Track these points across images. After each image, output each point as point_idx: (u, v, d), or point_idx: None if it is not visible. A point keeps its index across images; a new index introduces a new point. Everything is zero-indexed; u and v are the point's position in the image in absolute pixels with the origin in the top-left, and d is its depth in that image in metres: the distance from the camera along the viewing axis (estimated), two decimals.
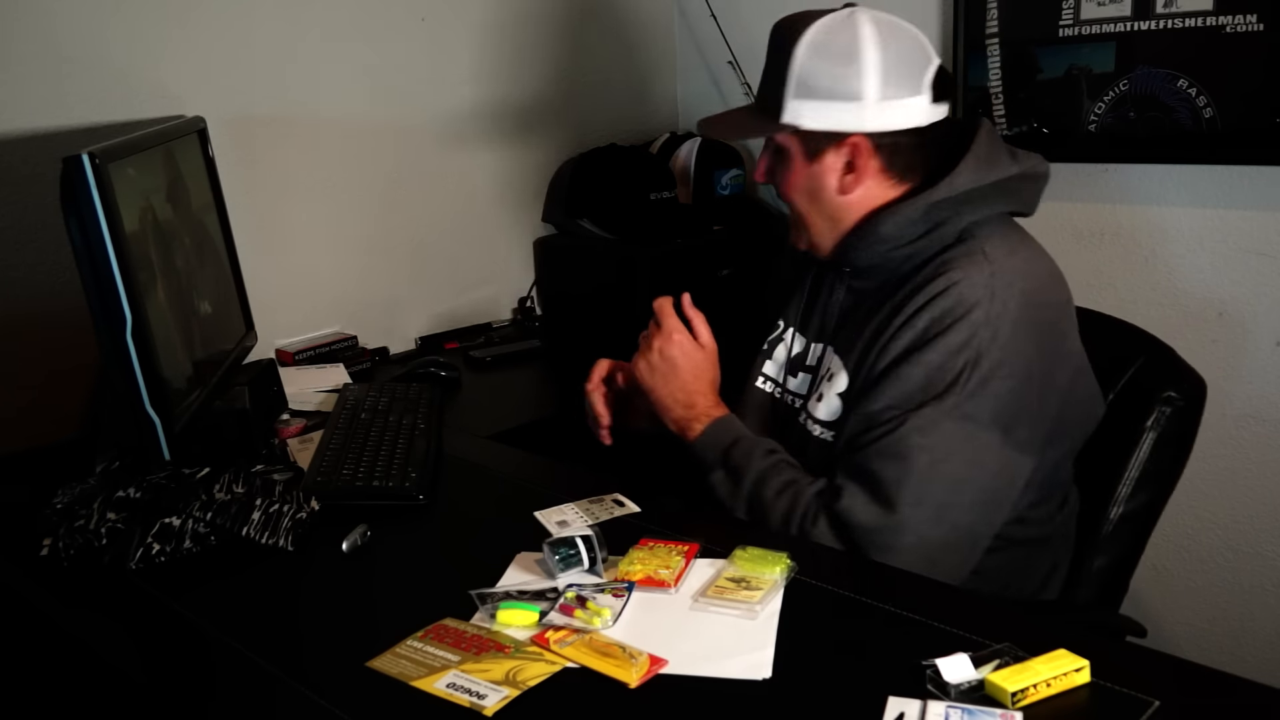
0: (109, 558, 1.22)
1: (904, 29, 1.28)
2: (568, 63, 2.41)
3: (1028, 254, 1.28)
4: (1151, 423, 1.40)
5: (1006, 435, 1.21)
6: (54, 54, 1.69)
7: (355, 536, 1.24)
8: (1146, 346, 1.48)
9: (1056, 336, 1.27)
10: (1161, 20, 1.84)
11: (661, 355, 1.41)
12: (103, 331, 1.24)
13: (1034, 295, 1.24)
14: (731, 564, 1.13)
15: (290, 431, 1.65)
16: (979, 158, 1.27)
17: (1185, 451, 1.44)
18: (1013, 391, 1.21)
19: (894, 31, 1.27)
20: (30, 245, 1.68)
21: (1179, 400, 1.41)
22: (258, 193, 1.95)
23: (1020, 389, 1.21)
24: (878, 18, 1.27)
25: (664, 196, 2.28)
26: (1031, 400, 1.23)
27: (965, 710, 0.88)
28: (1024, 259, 1.27)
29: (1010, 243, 1.27)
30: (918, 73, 1.26)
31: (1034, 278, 1.26)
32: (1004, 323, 1.20)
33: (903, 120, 1.27)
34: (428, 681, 0.95)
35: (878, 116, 1.26)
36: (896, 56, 1.25)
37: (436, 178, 2.22)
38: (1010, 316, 1.20)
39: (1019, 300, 1.22)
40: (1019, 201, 1.30)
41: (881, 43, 1.24)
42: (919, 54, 1.27)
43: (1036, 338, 1.23)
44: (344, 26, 2.04)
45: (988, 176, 1.27)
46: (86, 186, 1.20)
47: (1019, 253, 1.27)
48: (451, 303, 2.30)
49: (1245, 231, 1.88)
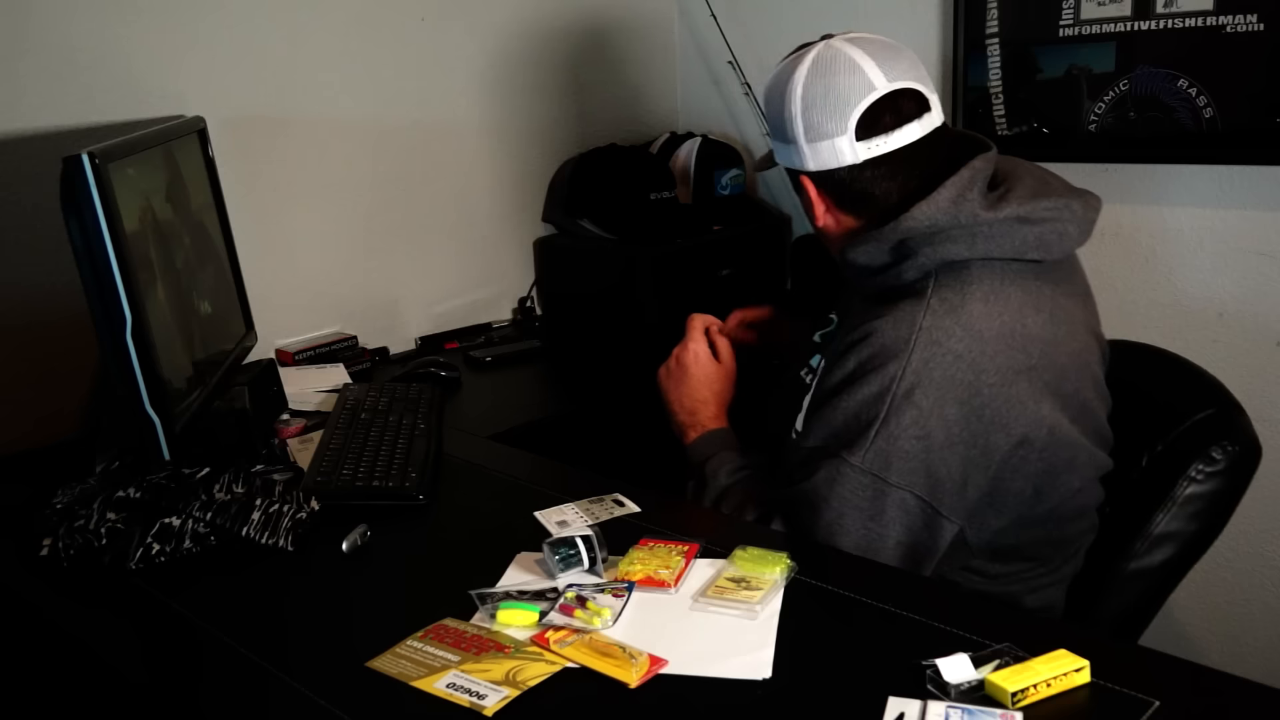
0: (109, 558, 1.22)
1: (841, 64, 1.25)
2: (568, 62, 2.41)
3: (983, 311, 1.19)
4: (1185, 483, 1.30)
5: (915, 495, 1.18)
6: (54, 54, 1.69)
7: (355, 536, 1.24)
8: (1217, 399, 1.38)
9: (999, 403, 1.17)
10: (1161, 20, 1.84)
11: (678, 362, 1.52)
12: (103, 331, 1.24)
13: (968, 357, 1.17)
14: (731, 564, 1.13)
15: (290, 431, 1.65)
16: (945, 197, 1.22)
17: (1219, 519, 1.33)
18: (925, 452, 1.17)
19: (825, 69, 1.25)
20: (30, 245, 1.68)
21: (1221, 464, 1.29)
22: (258, 193, 1.95)
23: (933, 452, 1.17)
24: (823, 57, 1.26)
25: (664, 196, 2.28)
26: (949, 465, 1.18)
27: (965, 710, 0.88)
28: (972, 316, 1.18)
29: (966, 295, 1.20)
30: (842, 110, 1.24)
31: (974, 339, 1.17)
32: (921, 380, 1.17)
33: (830, 159, 1.27)
34: (428, 681, 0.95)
35: (811, 157, 1.28)
36: (818, 97, 1.25)
37: (436, 177, 2.22)
38: (933, 376, 1.17)
39: (946, 360, 1.17)
40: (1008, 247, 1.21)
41: (806, 83, 1.26)
42: (847, 90, 1.24)
43: (962, 402, 1.17)
44: (344, 27, 2.04)
45: (955, 215, 1.21)
46: (86, 186, 1.20)
47: (969, 309, 1.19)
48: (451, 303, 2.30)
49: (1245, 231, 1.88)
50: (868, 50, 1.25)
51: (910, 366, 1.17)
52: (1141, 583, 1.31)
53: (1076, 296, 1.31)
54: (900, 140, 1.25)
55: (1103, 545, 1.35)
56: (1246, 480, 1.33)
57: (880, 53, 1.25)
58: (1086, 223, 1.26)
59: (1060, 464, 1.23)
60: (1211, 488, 1.29)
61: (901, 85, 1.25)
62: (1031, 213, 1.21)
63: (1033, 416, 1.19)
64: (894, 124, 1.25)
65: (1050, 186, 1.27)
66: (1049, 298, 1.24)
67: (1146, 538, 1.29)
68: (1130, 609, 1.32)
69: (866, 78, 1.24)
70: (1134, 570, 1.30)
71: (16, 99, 1.66)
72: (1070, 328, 1.25)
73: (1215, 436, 1.31)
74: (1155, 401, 1.39)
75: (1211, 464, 1.29)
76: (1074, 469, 1.25)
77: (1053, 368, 1.21)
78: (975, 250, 1.21)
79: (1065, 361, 1.23)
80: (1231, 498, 1.32)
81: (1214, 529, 1.32)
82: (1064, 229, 1.23)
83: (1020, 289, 1.21)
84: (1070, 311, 1.27)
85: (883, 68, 1.24)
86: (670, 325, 1.59)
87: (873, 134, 1.24)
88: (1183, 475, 1.29)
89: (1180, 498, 1.28)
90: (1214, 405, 1.36)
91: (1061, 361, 1.22)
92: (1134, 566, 1.30)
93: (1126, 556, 1.30)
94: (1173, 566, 1.31)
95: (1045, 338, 1.21)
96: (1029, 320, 1.20)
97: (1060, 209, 1.23)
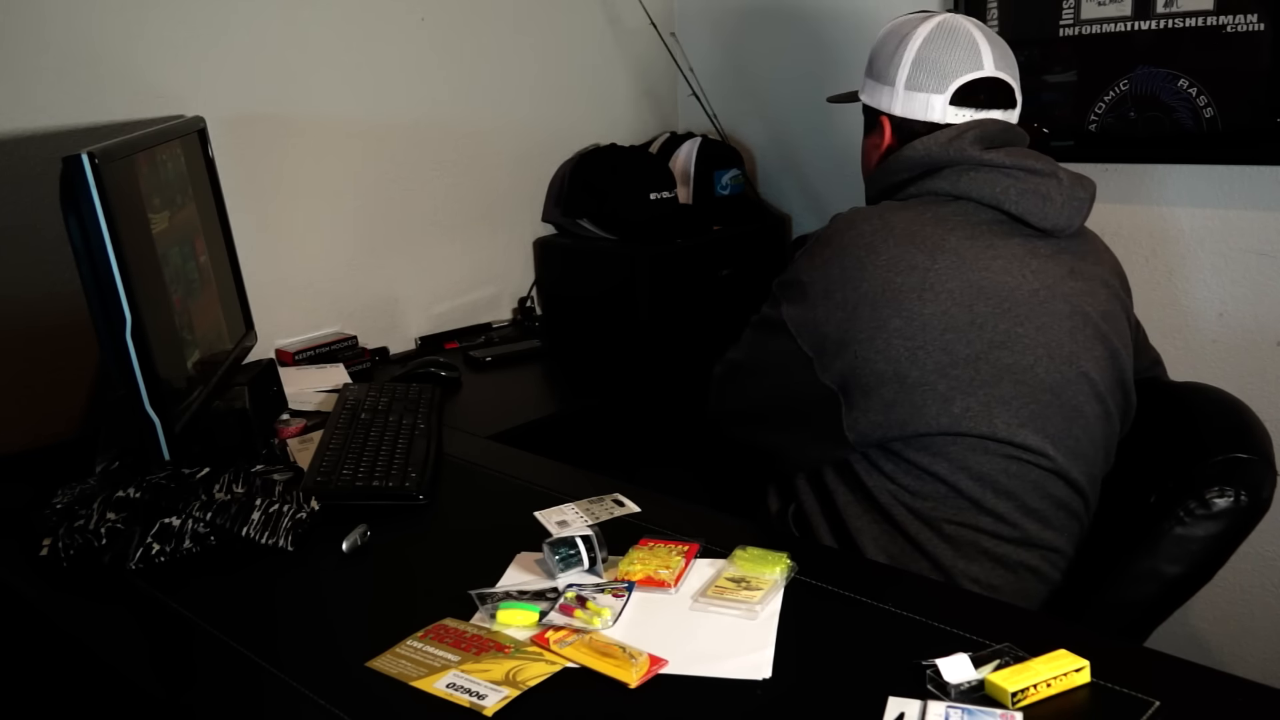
0: (109, 558, 1.22)
1: (963, 36, 1.39)
2: (568, 62, 2.41)
3: (910, 216, 1.31)
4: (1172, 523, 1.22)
5: (789, 329, 1.33)
6: (54, 54, 1.69)
7: (355, 536, 1.24)
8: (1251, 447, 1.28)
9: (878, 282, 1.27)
10: (1161, 20, 1.84)
11: None
12: (103, 331, 1.24)
13: (869, 237, 1.30)
14: (731, 564, 1.13)
15: (290, 431, 1.65)
16: (944, 136, 1.35)
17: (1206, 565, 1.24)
18: (803, 296, 1.33)
19: (948, 36, 1.39)
20: (30, 245, 1.68)
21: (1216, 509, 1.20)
22: (258, 193, 1.95)
23: (810, 298, 1.32)
24: (949, 24, 1.40)
25: (664, 196, 2.28)
26: (817, 313, 1.31)
27: (965, 710, 0.88)
28: (896, 216, 1.32)
29: (909, 206, 1.34)
30: (949, 75, 1.38)
31: (883, 226, 1.31)
32: (824, 239, 1.34)
33: (918, 110, 1.40)
34: (428, 681, 0.95)
35: (902, 101, 1.41)
36: (933, 55, 1.38)
37: (436, 178, 2.22)
38: (833, 239, 1.33)
39: (850, 234, 1.32)
40: (988, 194, 1.31)
41: (927, 41, 1.39)
42: (960, 59, 1.38)
43: (845, 268, 1.30)
44: (344, 26, 2.03)
45: (947, 151, 1.33)
46: (86, 186, 1.20)
47: (900, 212, 1.33)
48: (451, 303, 2.30)
49: (1245, 231, 1.88)
50: (987, 36, 1.40)
51: (828, 230, 1.36)
52: (1119, 617, 1.26)
53: (1068, 266, 1.34)
54: (983, 118, 1.38)
55: (1089, 572, 1.32)
56: (1244, 532, 1.23)
57: (995, 41, 1.41)
58: (1075, 198, 1.34)
59: (930, 369, 1.26)
60: (1202, 532, 1.21)
61: (1003, 76, 1.40)
62: (1014, 166, 1.32)
63: (911, 309, 1.26)
64: (986, 103, 1.39)
65: (1043, 158, 1.36)
66: (1007, 242, 1.31)
67: (1125, 572, 1.24)
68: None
69: (979, 56, 1.38)
70: (1112, 603, 1.25)
71: (17, 99, 1.66)
72: (1030, 276, 1.30)
73: (1220, 480, 1.22)
74: (1188, 439, 1.33)
75: (1204, 507, 1.20)
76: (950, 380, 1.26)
77: (962, 280, 1.27)
78: (958, 188, 1.32)
79: (989, 288, 1.28)
80: (1222, 545, 1.23)
81: (1199, 575, 1.24)
82: (1046, 192, 1.31)
83: (968, 220, 1.32)
84: (1039, 269, 1.31)
85: (994, 54, 1.39)
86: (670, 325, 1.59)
87: (966, 104, 1.38)
88: (1172, 515, 1.22)
89: (1165, 537, 1.22)
90: (1240, 450, 1.27)
91: (984, 285, 1.27)
92: (1109, 600, 1.25)
93: (1103, 588, 1.26)
94: (1153, 605, 1.24)
95: (965, 256, 1.28)
96: (954, 237, 1.30)
97: (1045, 174, 1.33)
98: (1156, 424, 1.41)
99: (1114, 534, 1.32)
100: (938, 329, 1.26)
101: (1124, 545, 1.27)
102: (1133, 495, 1.34)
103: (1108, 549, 1.31)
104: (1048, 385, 1.29)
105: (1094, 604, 1.27)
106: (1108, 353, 1.35)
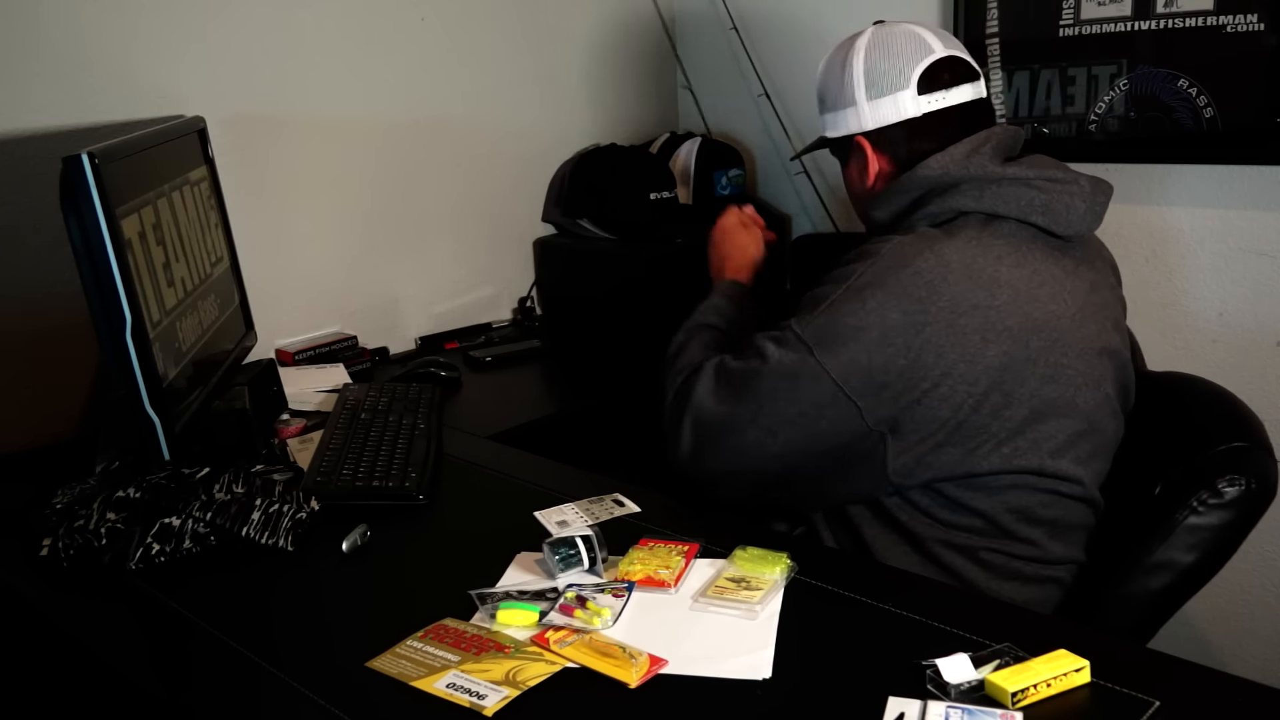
0: (109, 558, 1.22)
1: (900, 33, 1.37)
2: (568, 62, 2.41)
3: (959, 246, 1.23)
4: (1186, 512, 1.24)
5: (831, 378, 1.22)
6: (54, 54, 1.69)
7: (355, 536, 1.24)
8: (1248, 435, 1.32)
9: (941, 326, 1.20)
10: (1161, 20, 1.84)
11: (710, 240, 1.74)
12: (103, 331, 1.24)
13: (926, 276, 1.21)
14: (731, 564, 1.13)
15: (290, 431, 1.65)
16: (960, 151, 1.30)
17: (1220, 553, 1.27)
18: (854, 343, 1.21)
19: (885, 38, 1.37)
20: (30, 245, 1.68)
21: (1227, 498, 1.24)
22: (258, 193, 1.95)
23: (862, 345, 1.21)
24: (881, 30, 1.38)
25: (664, 196, 2.28)
26: (874, 362, 1.20)
27: (965, 710, 0.88)
28: (946, 247, 1.23)
29: (952, 233, 1.25)
30: (904, 68, 1.35)
31: (939, 262, 1.22)
32: (876, 281, 1.22)
33: (891, 114, 1.36)
34: (428, 681, 0.95)
35: (869, 115, 1.38)
36: (880, 57, 1.36)
37: (436, 177, 2.22)
38: (887, 281, 1.22)
39: (905, 272, 1.21)
40: (1014, 207, 1.27)
41: (868, 48, 1.37)
42: (909, 52, 1.35)
43: (906, 312, 1.20)
44: (344, 26, 2.03)
45: (966, 167, 1.29)
46: (86, 186, 1.20)
47: (948, 242, 1.24)
48: (451, 303, 2.30)
49: (1245, 231, 1.88)
50: (923, 25, 1.39)
51: (873, 269, 1.24)
52: (1134, 609, 1.28)
53: (1088, 280, 1.33)
54: (957, 98, 1.36)
55: (1101, 568, 1.33)
56: (1254, 518, 1.27)
57: (932, 27, 1.40)
58: (1096, 203, 1.32)
59: (987, 412, 1.23)
60: (1214, 520, 1.24)
61: (955, 53, 1.37)
62: (1037, 178, 1.28)
63: (974, 350, 1.21)
64: (952, 81, 1.36)
65: (1061, 165, 1.33)
66: (1045, 263, 1.28)
67: (1139, 564, 1.26)
68: (1123, 633, 1.28)
69: (926, 43, 1.36)
70: (1125, 596, 1.27)
71: (17, 99, 1.66)
72: (1068, 300, 1.28)
73: (1228, 469, 1.25)
74: (1185, 430, 1.35)
75: (1216, 496, 1.24)
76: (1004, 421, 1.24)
77: (1019, 316, 1.23)
78: (983, 204, 1.28)
79: (1041, 318, 1.24)
80: (1234, 533, 1.26)
81: (1213, 563, 1.27)
82: (1070, 201, 1.28)
83: (1010, 244, 1.27)
84: (1073, 289, 1.29)
85: (938, 38, 1.37)
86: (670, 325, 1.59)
87: (933, 88, 1.35)
88: (1184, 504, 1.25)
89: (1179, 527, 1.24)
90: (1241, 439, 1.30)
91: (1036, 316, 1.24)
92: (1124, 592, 1.27)
93: (1117, 581, 1.27)
94: (1167, 595, 1.27)
95: (1020, 289, 1.24)
96: (1005, 267, 1.24)
97: (1068, 182, 1.30)
98: (1147, 415, 1.41)
99: (1122, 527, 1.33)
100: (998, 370, 1.22)
101: (1136, 538, 1.28)
102: (1134, 487, 1.34)
103: (1118, 543, 1.32)
104: (1085, 414, 1.28)
105: (1109, 598, 1.28)
106: (1121, 365, 1.35)
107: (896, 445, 1.24)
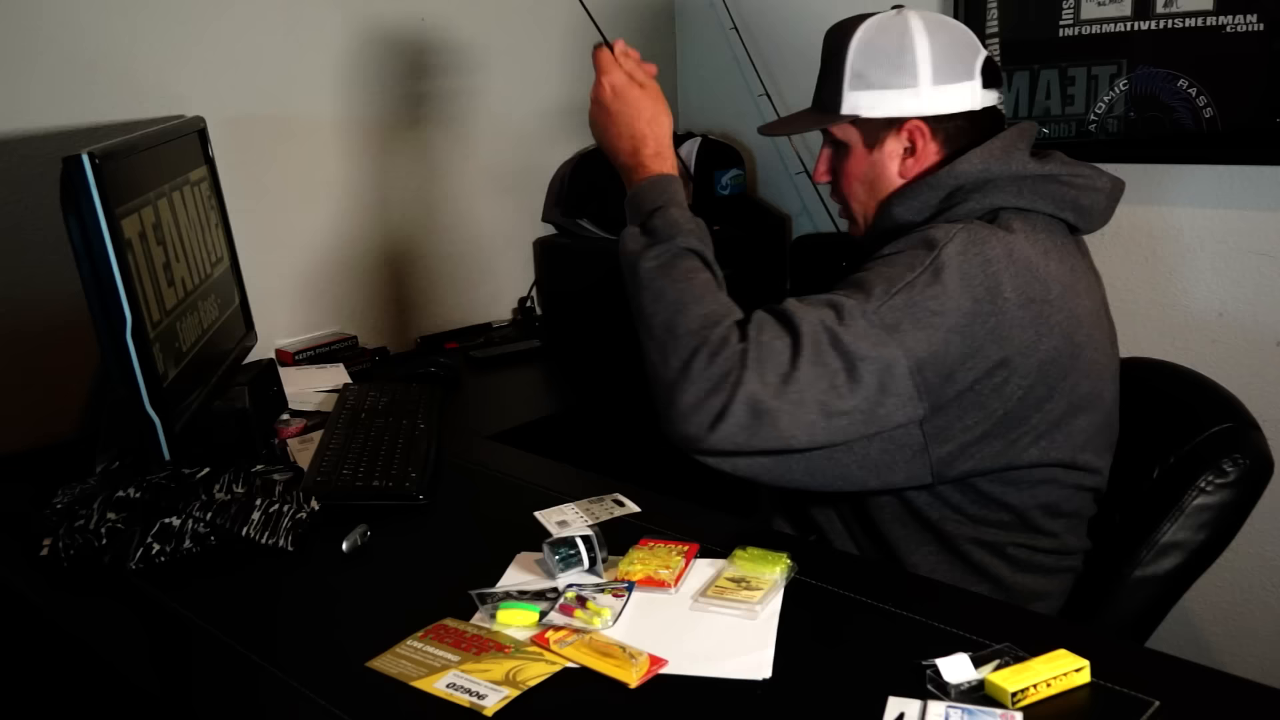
0: (109, 558, 1.22)
1: (950, 22, 1.37)
2: (567, 62, 2.41)
3: (1018, 239, 1.21)
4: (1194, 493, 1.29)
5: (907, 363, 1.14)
6: (55, 54, 1.69)
7: (355, 536, 1.24)
8: (1232, 414, 1.38)
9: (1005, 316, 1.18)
10: (1161, 20, 1.84)
11: (596, 103, 1.42)
12: (103, 331, 1.24)
13: (997, 264, 1.18)
14: (731, 564, 1.13)
15: (290, 431, 1.65)
16: (998, 146, 1.29)
17: (1227, 530, 1.31)
18: (933, 328, 1.15)
19: (942, 23, 1.35)
20: (30, 245, 1.68)
21: (1231, 476, 1.29)
22: (258, 193, 1.95)
23: (940, 330, 1.15)
24: (925, 14, 1.35)
25: None
26: (949, 349, 1.15)
27: (965, 710, 0.88)
28: (1010, 237, 1.21)
29: (1007, 226, 1.23)
30: (968, 59, 1.33)
31: (1007, 252, 1.19)
32: (952, 265, 1.17)
33: (957, 103, 1.32)
34: (428, 681, 0.95)
35: (934, 100, 1.32)
36: (946, 44, 1.32)
37: (436, 177, 2.22)
38: (963, 266, 1.17)
39: (978, 259, 1.18)
40: (1050, 203, 1.27)
41: (930, 32, 1.32)
42: (967, 43, 1.34)
43: (977, 299, 1.17)
44: (344, 27, 2.04)
45: (1007, 164, 1.27)
46: (86, 186, 1.20)
47: (1008, 234, 1.21)
48: (451, 303, 2.30)
49: (1245, 231, 1.88)
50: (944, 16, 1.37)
51: (947, 251, 1.18)
52: (1147, 590, 1.31)
53: (1096, 273, 1.36)
54: (999, 98, 1.36)
55: (1109, 553, 1.35)
56: (1256, 494, 1.32)
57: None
58: (1112, 200, 1.34)
59: (1031, 405, 1.21)
60: (1220, 499, 1.29)
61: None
62: (1069, 175, 1.29)
63: (1029, 343, 1.19)
64: (998, 79, 1.36)
65: (1083, 162, 1.34)
66: (1076, 258, 1.30)
67: (1153, 546, 1.29)
68: (1135, 616, 1.32)
69: (969, 33, 1.35)
70: (1139, 578, 1.30)
71: (17, 99, 1.66)
72: (1095, 295, 1.31)
73: (1227, 449, 1.31)
74: (1170, 415, 1.40)
75: (1222, 476, 1.29)
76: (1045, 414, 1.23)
77: (1066, 311, 1.23)
78: (1022, 200, 1.27)
79: (1081, 313, 1.26)
80: (1240, 510, 1.32)
81: (1222, 540, 1.32)
82: (1095, 198, 1.30)
83: (1050, 239, 1.27)
84: (1094, 283, 1.33)
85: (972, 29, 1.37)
86: None
87: (991, 85, 1.34)
88: (1192, 486, 1.29)
89: (1188, 508, 1.29)
90: (1229, 420, 1.36)
91: (1078, 312, 1.25)
92: (1139, 574, 1.30)
93: (1132, 564, 1.30)
94: (1179, 575, 1.31)
95: (1065, 283, 1.24)
96: (1052, 262, 1.24)
97: (1093, 177, 1.31)
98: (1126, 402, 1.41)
99: (1123, 513, 1.35)
100: (1047, 364, 1.21)
101: (1143, 522, 1.31)
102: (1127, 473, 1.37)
103: (1120, 528, 1.35)
104: (1106, 407, 1.30)
105: (1122, 582, 1.31)
106: (1118, 353, 1.37)
107: (943, 434, 1.19)
